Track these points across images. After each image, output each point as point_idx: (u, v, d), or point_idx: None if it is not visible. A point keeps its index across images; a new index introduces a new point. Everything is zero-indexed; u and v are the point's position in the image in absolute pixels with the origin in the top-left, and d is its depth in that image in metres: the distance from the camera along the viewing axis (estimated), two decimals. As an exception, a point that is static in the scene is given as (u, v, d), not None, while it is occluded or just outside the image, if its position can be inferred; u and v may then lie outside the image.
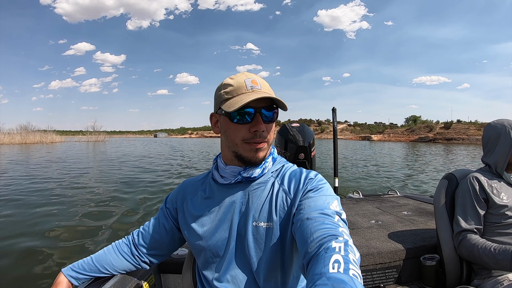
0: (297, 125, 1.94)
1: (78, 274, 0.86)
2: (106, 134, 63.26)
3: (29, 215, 4.92)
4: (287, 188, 0.77)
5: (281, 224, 0.74)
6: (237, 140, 0.75)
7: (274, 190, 0.78)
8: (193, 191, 0.88)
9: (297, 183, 0.76)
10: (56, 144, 38.53)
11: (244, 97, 0.71)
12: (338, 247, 0.56)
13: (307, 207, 0.68)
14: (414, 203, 2.71)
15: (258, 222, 0.75)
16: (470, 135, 52.36)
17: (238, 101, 0.71)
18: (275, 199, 0.76)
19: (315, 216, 0.65)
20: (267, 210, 0.76)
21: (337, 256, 0.53)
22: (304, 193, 0.73)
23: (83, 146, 35.67)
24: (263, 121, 0.74)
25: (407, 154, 22.13)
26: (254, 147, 0.75)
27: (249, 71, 0.83)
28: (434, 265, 1.46)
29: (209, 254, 0.79)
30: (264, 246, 0.74)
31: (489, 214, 1.28)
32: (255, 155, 0.75)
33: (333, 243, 0.56)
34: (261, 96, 0.70)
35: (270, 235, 0.73)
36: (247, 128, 0.74)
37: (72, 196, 6.48)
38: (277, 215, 0.74)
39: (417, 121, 72.33)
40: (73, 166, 12.53)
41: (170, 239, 0.91)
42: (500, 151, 1.30)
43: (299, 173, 0.80)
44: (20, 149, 26.64)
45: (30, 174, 9.95)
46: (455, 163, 15.34)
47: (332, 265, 0.52)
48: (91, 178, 8.92)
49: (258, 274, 0.74)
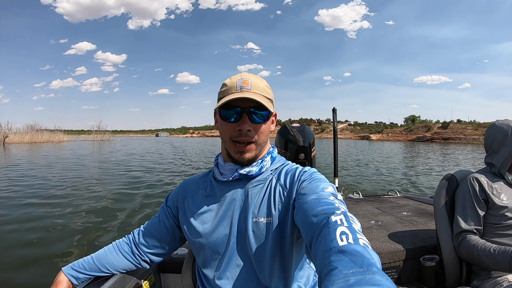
0: (297, 125, 1.91)
1: (78, 273, 0.85)
2: (111, 134, 63.66)
3: (38, 213, 4.90)
4: (283, 183, 0.78)
5: (280, 218, 0.74)
6: (226, 137, 0.77)
7: (272, 186, 0.79)
8: (194, 189, 0.88)
9: (292, 176, 0.78)
10: (64, 143, 38.76)
11: (229, 97, 0.73)
12: (339, 220, 0.55)
13: (303, 195, 0.69)
14: (414, 204, 2.67)
15: (258, 218, 0.75)
16: (467, 135, 52.29)
17: (224, 100, 0.73)
18: (273, 195, 0.77)
19: (311, 199, 0.65)
20: (266, 205, 0.76)
21: (342, 228, 0.52)
22: (299, 184, 0.74)
23: (89, 144, 35.93)
24: (250, 121, 0.75)
25: (405, 153, 22.08)
26: (238, 149, 0.76)
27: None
28: (433, 265, 1.43)
29: (209, 251, 0.78)
30: (264, 241, 0.73)
31: (489, 215, 1.25)
32: (240, 156, 0.77)
33: (332, 218, 0.56)
34: (241, 96, 0.72)
35: (270, 230, 0.73)
36: (234, 126, 0.75)
37: (79, 194, 6.44)
38: (275, 210, 0.75)
39: (415, 121, 72.11)
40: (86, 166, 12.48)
41: (170, 238, 0.90)
42: (506, 152, 1.26)
43: (294, 168, 0.81)
44: (32, 148, 26.90)
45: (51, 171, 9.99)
46: (450, 161, 15.27)
47: (340, 238, 0.50)
48: (99, 178, 8.92)
49: (259, 270, 0.74)
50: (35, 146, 31.14)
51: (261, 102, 0.72)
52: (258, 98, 0.72)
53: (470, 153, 22.12)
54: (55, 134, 45.86)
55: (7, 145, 32.79)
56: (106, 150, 24.96)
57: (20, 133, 40.30)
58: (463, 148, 30.98)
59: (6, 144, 33.73)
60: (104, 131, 58.47)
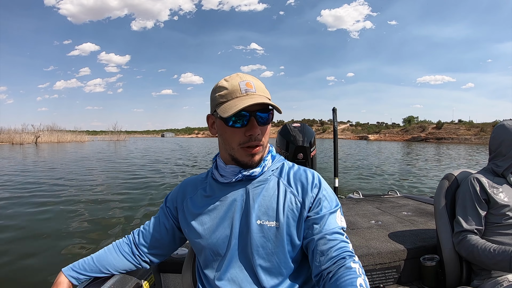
0: (297, 125, 1.84)
1: (78, 274, 0.80)
2: (126, 134, 64.95)
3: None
4: (295, 191, 0.74)
5: (289, 225, 0.71)
6: (233, 144, 0.71)
7: (281, 190, 0.74)
8: (193, 190, 0.83)
9: (305, 187, 0.74)
10: (86, 143, 39.43)
11: (238, 102, 0.66)
12: (358, 269, 0.61)
13: (318, 224, 0.70)
14: (414, 204, 2.55)
15: (263, 221, 0.71)
16: (460, 135, 51.74)
17: (232, 106, 0.66)
18: (283, 200, 0.72)
19: (327, 234, 0.68)
20: (273, 209, 0.71)
21: (360, 280, 0.59)
22: (314, 201, 0.73)
23: (110, 144, 36.62)
24: (258, 124, 0.69)
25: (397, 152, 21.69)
26: (250, 152, 0.70)
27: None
28: (434, 265, 1.35)
29: (209, 252, 0.74)
30: (269, 245, 0.70)
31: (490, 214, 1.18)
32: (251, 159, 0.71)
33: (351, 264, 0.62)
34: (255, 102, 0.65)
35: (277, 235, 0.70)
36: (242, 132, 0.69)
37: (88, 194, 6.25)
38: (284, 216, 0.71)
39: (411, 121, 71.23)
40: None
41: (170, 238, 0.85)
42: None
43: (304, 175, 0.77)
44: (62, 147, 27.57)
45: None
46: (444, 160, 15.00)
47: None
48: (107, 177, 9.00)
49: (260, 273, 0.70)
50: (63, 145, 31.90)
51: (275, 105, 0.69)
52: (267, 101, 0.67)
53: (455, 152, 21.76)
54: (77, 135, 47.09)
55: (39, 144, 33.62)
56: (131, 148, 25.40)
57: (47, 134, 41.21)
58: (453, 147, 30.55)
59: (38, 143, 34.60)
60: (119, 132, 59.74)
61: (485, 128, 48.92)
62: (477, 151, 22.85)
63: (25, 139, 35.57)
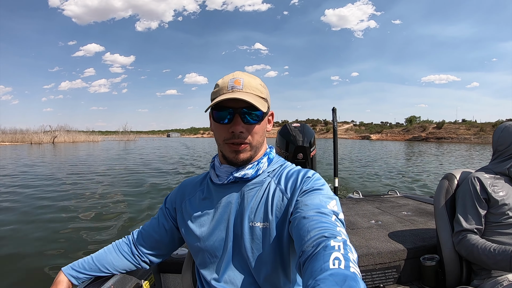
0: (297, 125, 1.80)
1: (78, 273, 0.78)
2: (136, 134, 65.71)
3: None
4: (283, 188, 0.70)
5: (278, 224, 0.67)
6: (220, 140, 0.70)
7: (270, 190, 0.70)
8: (191, 192, 0.80)
9: (294, 182, 0.69)
10: (99, 143, 39.91)
11: (220, 98, 0.64)
12: (337, 246, 0.50)
13: (303, 206, 0.62)
14: (414, 203, 2.49)
15: (254, 223, 0.68)
16: (459, 135, 51.08)
17: (215, 101, 0.65)
18: (271, 199, 0.69)
19: (312, 215, 0.59)
20: (263, 210, 0.69)
21: (337, 254, 0.48)
22: (301, 191, 0.67)
23: (121, 144, 36.94)
24: (243, 122, 0.66)
25: (398, 152, 21.45)
26: (233, 149, 0.68)
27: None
28: (434, 265, 1.32)
29: (207, 254, 0.72)
30: (261, 247, 0.67)
31: (490, 214, 1.15)
32: (235, 156, 0.68)
33: (331, 242, 0.51)
34: (231, 97, 0.63)
35: (267, 235, 0.67)
36: (226, 128, 0.67)
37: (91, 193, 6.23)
38: (273, 215, 0.67)
39: (412, 121, 70.34)
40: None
41: (169, 239, 0.82)
42: None
43: (296, 172, 0.72)
44: (79, 146, 28.13)
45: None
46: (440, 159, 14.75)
47: (332, 262, 0.46)
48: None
49: (256, 274, 0.68)
50: (78, 145, 32.36)
51: (252, 102, 0.63)
52: (250, 98, 0.63)
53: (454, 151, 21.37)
54: (90, 135, 47.90)
55: (56, 143, 34.19)
56: (151, 147, 25.54)
57: (64, 134, 42.02)
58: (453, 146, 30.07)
59: (55, 143, 35.21)
60: (129, 132, 60.78)
61: (485, 128, 48.21)
62: (476, 150, 22.45)
63: (43, 139, 36.28)
